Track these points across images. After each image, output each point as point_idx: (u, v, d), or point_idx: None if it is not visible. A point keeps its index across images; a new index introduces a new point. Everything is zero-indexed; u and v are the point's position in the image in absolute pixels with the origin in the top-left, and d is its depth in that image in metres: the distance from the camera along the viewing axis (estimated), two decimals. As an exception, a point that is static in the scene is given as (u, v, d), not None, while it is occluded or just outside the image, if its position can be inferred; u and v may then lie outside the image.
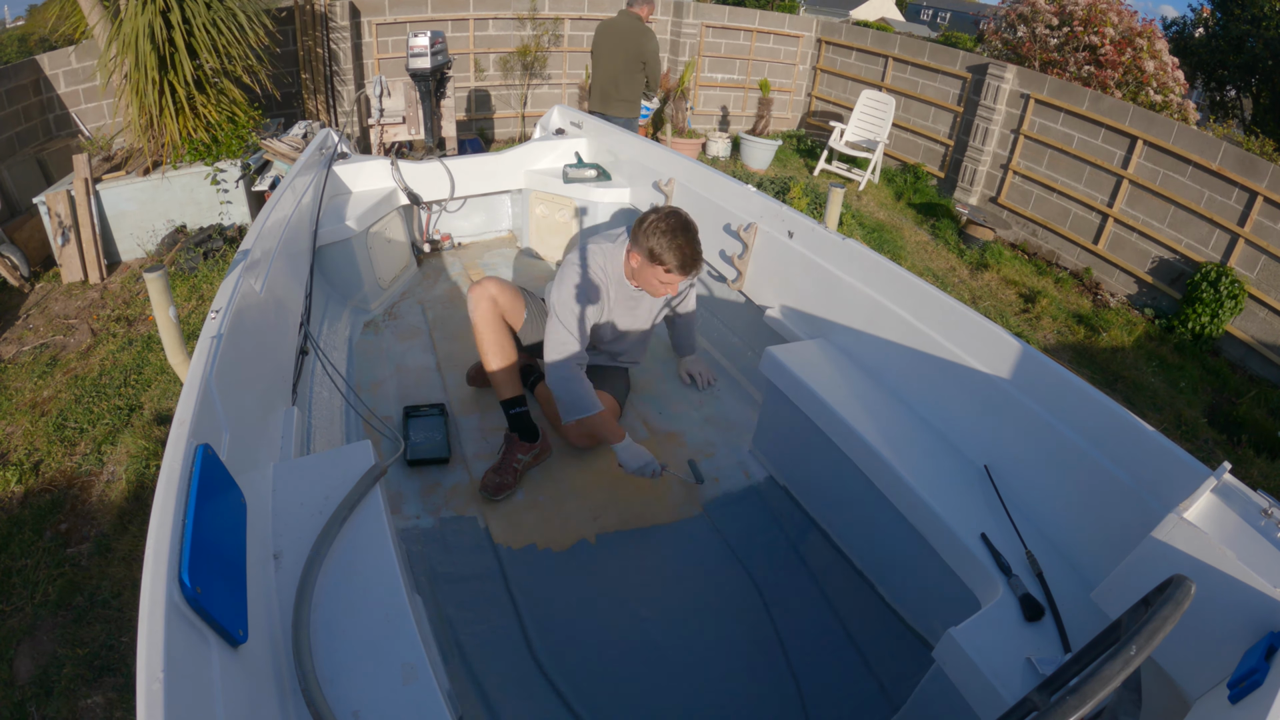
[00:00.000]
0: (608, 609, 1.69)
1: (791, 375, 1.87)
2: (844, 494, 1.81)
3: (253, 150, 4.63)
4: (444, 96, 5.19)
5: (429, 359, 2.52)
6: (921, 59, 6.89)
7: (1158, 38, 6.24)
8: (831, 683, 1.57)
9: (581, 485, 2.03)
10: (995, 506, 1.52)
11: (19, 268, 4.01)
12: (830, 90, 7.90)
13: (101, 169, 4.28)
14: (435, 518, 1.87)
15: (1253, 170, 4.68)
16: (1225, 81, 9.61)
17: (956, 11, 30.53)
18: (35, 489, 2.65)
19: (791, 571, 1.82)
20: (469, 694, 1.45)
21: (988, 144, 6.31)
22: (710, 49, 7.56)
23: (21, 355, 3.44)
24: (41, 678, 2.02)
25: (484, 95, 6.93)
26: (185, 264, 4.10)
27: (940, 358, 1.72)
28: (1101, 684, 0.71)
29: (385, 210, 2.85)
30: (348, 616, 1.04)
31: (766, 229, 2.31)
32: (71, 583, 2.29)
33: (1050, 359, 1.51)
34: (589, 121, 3.37)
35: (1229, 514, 1.14)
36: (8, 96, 4.57)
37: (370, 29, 6.16)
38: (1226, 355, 4.94)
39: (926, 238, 6.03)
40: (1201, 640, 1.04)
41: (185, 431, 0.98)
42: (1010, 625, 1.25)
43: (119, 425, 2.97)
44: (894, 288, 1.86)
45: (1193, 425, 4.05)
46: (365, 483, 1.25)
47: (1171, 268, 5.21)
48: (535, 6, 6.66)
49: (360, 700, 0.95)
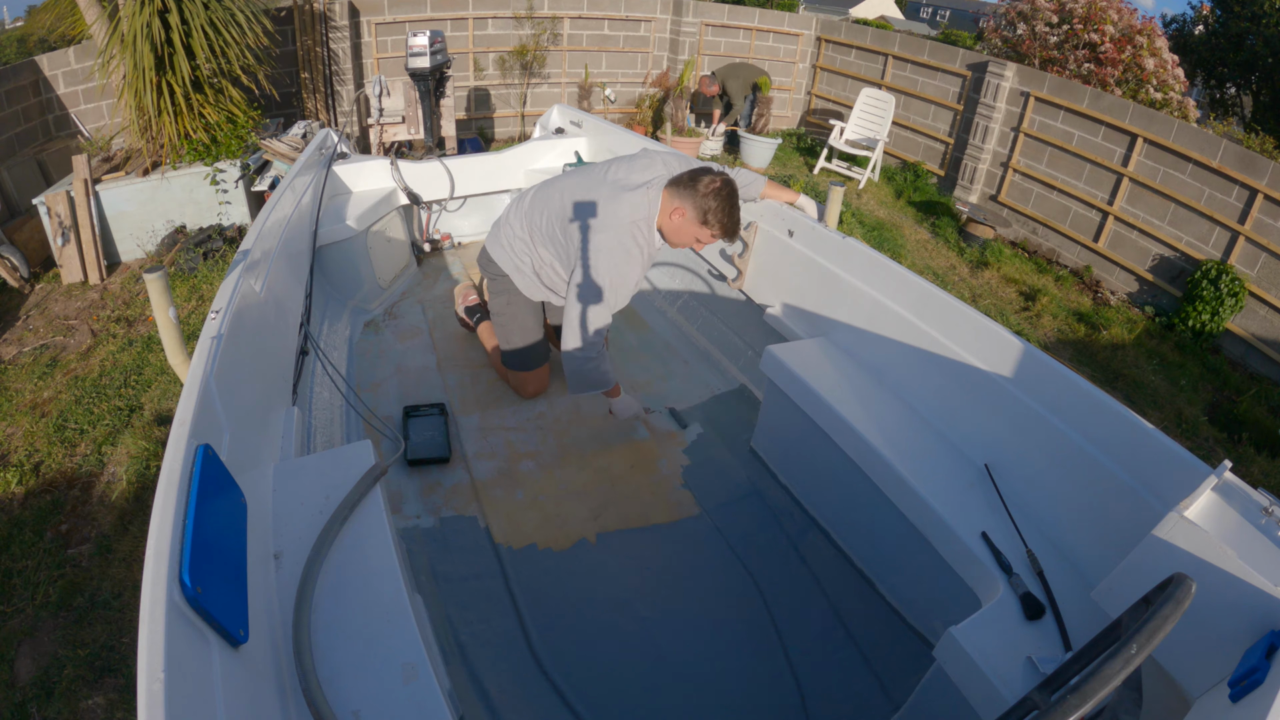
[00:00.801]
0: (608, 608, 1.69)
1: (792, 374, 1.87)
2: (844, 493, 1.81)
3: (252, 150, 4.63)
4: (443, 96, 5.19)
5: (429, 359, 2.52)
6: (921, 57, 6.88)
7: (1157, 35, 6.23)
8: (832, 682, 1.57)
9: (582, 485, 2.03)
10: (996, 505, 1.52)
11: (19, 269, 4.01)
12: (830, 88, 7.89)
13: (101, 170, 4.28)
14: (436, 517, 1.87)
15: (1253, 168, 4.68)
16: (1225, 79, 9.59)
17: (956, 9, 30.50)
18: (36, 490, 2.65)
19: (792, 570, 1.82)
20: (469, 693, 1.45)
21: (988, 142, 6.31)
22: (710, 47, 7.55)
23: (22, 356, 3.44)
24: (42, 679, 2.02)
25: (483, 94, 6.93)
26: (185, 264, 4.10)
27: (941, 356, 1.72)
28: (1102, 683, 0.71)
29: (385, 210, 2.85)
30: (348, 616, 1.04)
31: (767, 228, 2.31)
32: (72, 583, 2.29)
33: (1050, 357, 1.51)
34: (589, 120, 3.37)
35: (1230, 512, 1.14)
36: (7, 97, 4.57)
37: (369, 28, 6.15)
38: (1227, 353, 4.94)
39: (926, 236, 6.03)
40: (1202, 639, 1.04)
41: (186, 432, 0.98)
42: (1011, 624, 1.25)
43: (119, 426, 2.97)
44: (894, 286, 1.86)
45: (1193, 423, 4.05)
46: (366, 483, 1.25)
47: (1172, 265, 5.20)
48: (533, 5, 6.65)
49: (361, 700, 0.95)
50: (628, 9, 7.15)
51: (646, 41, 7.41)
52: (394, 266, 2.95)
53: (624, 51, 7.36)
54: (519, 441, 2.16)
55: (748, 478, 2.10)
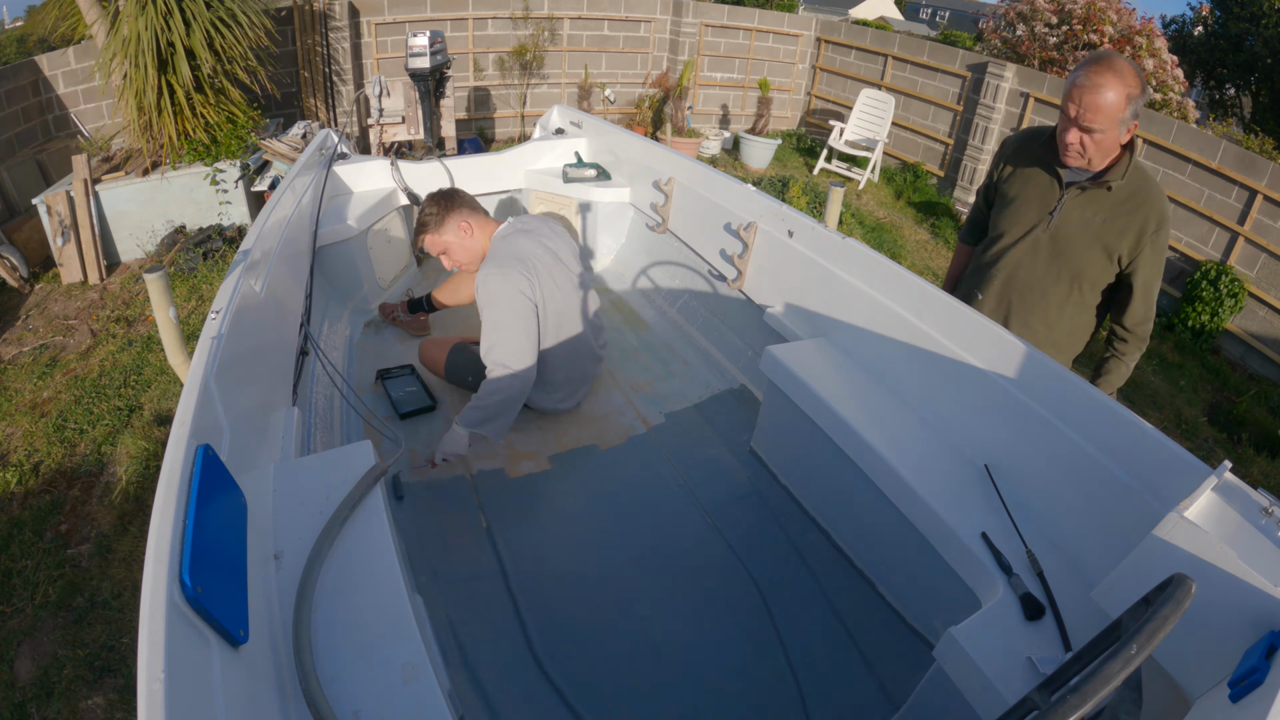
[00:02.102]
0: (608, 609, 1.69)
1: (791, 374, 1.87)
2: (844, 493, 1.81)
3: (252, 150, 4.63)
4: (443, 96, 5.19)
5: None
6: (921, 58, 6.89)
7: (1157, 36, 6.24)
8: (832, 682, 1.57)
9: (582, 486, 2.03)
10: (995, 505, 1.52)
11: (18, 269, 4.01)
12: (830, 89, 7.90)
13: (100, 170, 4.28)
14: (436, 518, 1.87)
15: (1252, 169, 4.68)
16: (1224, 80, 9.61)
17: (955, 10, 30.53)
18: (35, 490, 2.65)
19: (791, 571, 1.82)
20: (470, 694, 1.45)
21: (987, 143, 6.31)
22: (710, 48, 7.56)
23: (21, 356, 3.44)
24: (42, 679, 2.02)
25: (483, 95, 6.93)
26: (184, 264, 4.10)
27: (940, 356, 1.72)
28: (1102, 683, 0.71)
29: (385, 210, 2.85)
30: (348, 616, 1.04)
31: (766, 228, 2.31)
32: (72, 584, 2.29)
33: (1050, 357, 1.51)
34: (589, 121, 3.37)
35: (1229, 513, 1.14)
36: (7, 97, 4.57)
37: (369, 29, 6.16)
38: (1226, 353, 4.94)
39: (926, 236, 6.03)
40: (1202, 639, 1.04)
41: (186, 432, 0.98)
42: (1011, 624, 1.25)
43: (119, 426, 2.97)
44: (894, 286, 1.86)
45: (1193, 424, 4.05)
46: (366, 483, 1.25)
47: (1171, 266, 5.21)
48: (531, 6, 6.66)
49: (361, 700, 0.95)
50: (627, 9, 7.15)
51: (646, 42, 7.42)
52: (394, 267, 2.95)
53: (624, 52, 7.36)
54: (519, 442, 2.16)
55: (747, 478, 2.10)
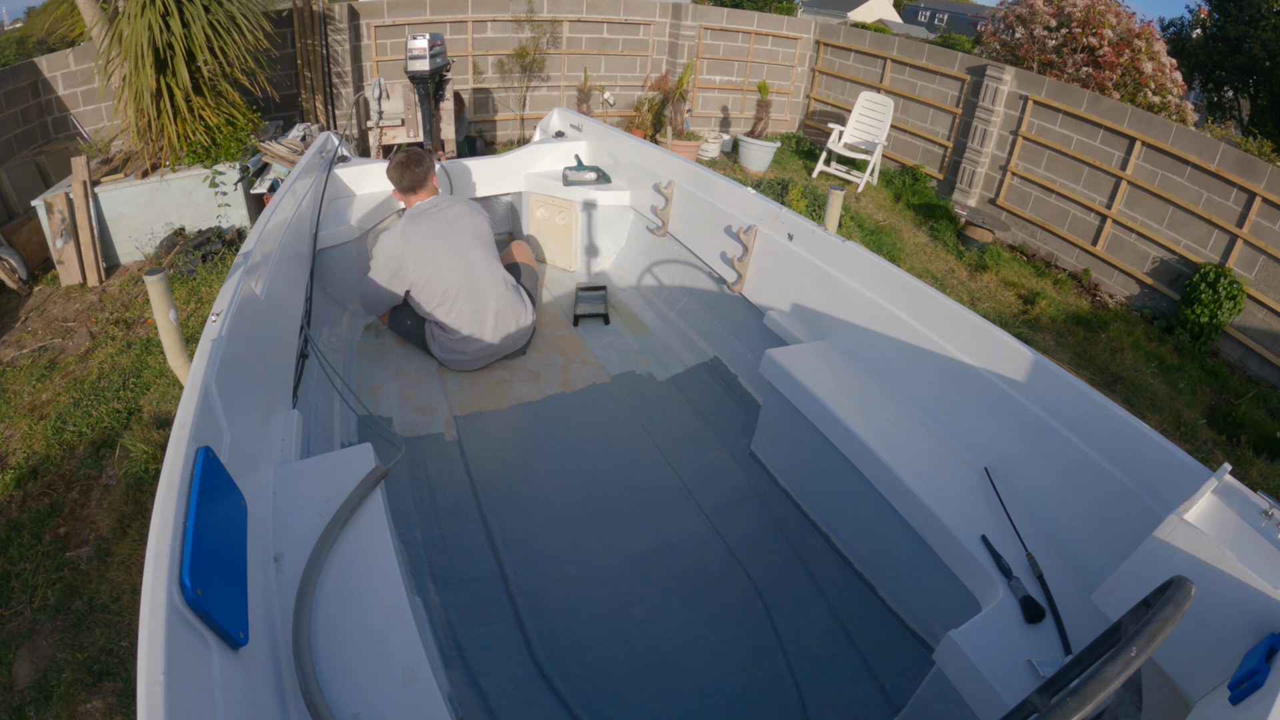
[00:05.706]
0: (608, 612, 1.68)
1: (791, 378, 1.87)
2: (844, 496, 1.81)
3: (251, 153, 4.63)
4: (443, 99, 5.20)
5: (429, 362, 2.52)
6: (920, 61, 6.90)
7: (1156, 39, 6.25)
8: (832, 685, 1.57)
9: (582, 487, 2.03)
10: (995, 508, 1.52)
11: (17, 270, 4.00)
12: (829, 92, 7.91)
13: (100, 172, 4.28)
14: (435, 520, 1.87)
15: (1251, 171, 4.69)
16: (1223, 82, 9.63)
17: (954, 13, 30.57)
18: (34, 492, 2.64)
19: (791, 574, 1.82)
20: (469, 696, 1.45)
21: (986, 145, 6.32)
22: (709, 51, 7.57)
23: (20, 358, 3.44)
24: (41, 682, 2.01)
25: (483, 98, 6.94)
26: (184, 267, 4.10)
27: (940, 359, 1.72)
28: (1102, 685, 0.71)
29: (385, 213, 2.85)
30: (348, 619, 1.04)
31: (766, 231, 2.31)
32: (70, 587, 2.28)
33: (1050, 360, 1.51)
34: (588, 124, 3.37)
35: (1229, 515, 1.14)
36: (6, 99, 4.57)
37: (369, 31, 6.16)
38: (1225, 356, 4.94)
39: (925, 239, 6.04)
40: (1202, 641, 1.04)
41: (186, 434, 0.98)
42: (1011, 627, 1.25)
43: (118, 428, 2.97)
44: (893, 290, 1.87)
45: (1192, 426, 4.05)
46: (366, 485, 1.25)
47: (1170, 269, 5.22)
48: (532, 9, 6.67)
49: (361, 702, 0.95)
50: (627, 12, 7.16)
51: (645, 45, 7.43)
52: (394, 269, 2.95)
53: (623, 55, 7.37)
54: (519, 442, 2.16)
55: (747, 481, 2.10)
